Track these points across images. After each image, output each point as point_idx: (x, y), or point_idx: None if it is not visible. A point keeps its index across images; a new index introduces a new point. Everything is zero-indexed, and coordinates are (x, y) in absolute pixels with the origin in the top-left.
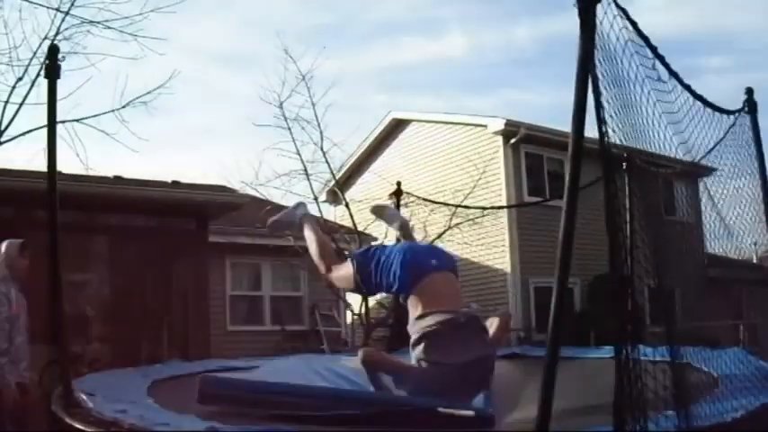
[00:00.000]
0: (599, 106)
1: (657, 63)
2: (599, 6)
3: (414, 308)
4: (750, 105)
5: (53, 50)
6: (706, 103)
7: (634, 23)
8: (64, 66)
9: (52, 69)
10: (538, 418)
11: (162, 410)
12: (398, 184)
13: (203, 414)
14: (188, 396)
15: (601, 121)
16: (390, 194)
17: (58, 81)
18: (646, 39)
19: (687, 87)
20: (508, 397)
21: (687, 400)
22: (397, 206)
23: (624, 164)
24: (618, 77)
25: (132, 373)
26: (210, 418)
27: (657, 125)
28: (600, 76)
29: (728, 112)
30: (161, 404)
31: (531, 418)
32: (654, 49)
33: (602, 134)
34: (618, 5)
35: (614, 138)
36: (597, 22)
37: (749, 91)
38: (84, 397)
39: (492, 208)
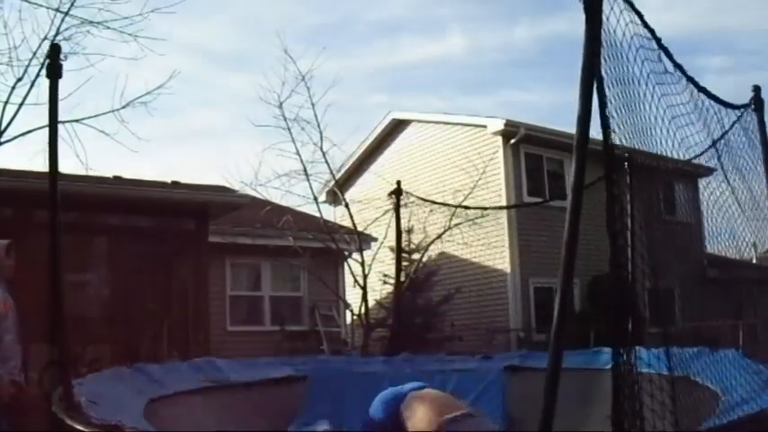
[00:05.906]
0: (603, 105)
1: (663, 57)
2: (605, 2)
3: None
4: (757, 103)
5: (55, 50)
6: (711, 97)
7: (640, 14)
8: (64, 66)
9: (54, 69)
10: (541, 423)
11: None
12: (398, 183)
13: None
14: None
15: (604, 121)
16: (389, 194)
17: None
18: (651, 30)
19: (691, 80)
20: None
21: (684, 403)
22: (397, 206)
23: (626, 163)
24: (622, 75)
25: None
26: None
27: (661, 123)
28: (604, 74)
29: (735, 107)
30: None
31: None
32: (658, 41)
33: (606, 134)
34: None
35: (617, 138)
36: (603, 17)
37: (756, 89)
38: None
39: (492, 208)
